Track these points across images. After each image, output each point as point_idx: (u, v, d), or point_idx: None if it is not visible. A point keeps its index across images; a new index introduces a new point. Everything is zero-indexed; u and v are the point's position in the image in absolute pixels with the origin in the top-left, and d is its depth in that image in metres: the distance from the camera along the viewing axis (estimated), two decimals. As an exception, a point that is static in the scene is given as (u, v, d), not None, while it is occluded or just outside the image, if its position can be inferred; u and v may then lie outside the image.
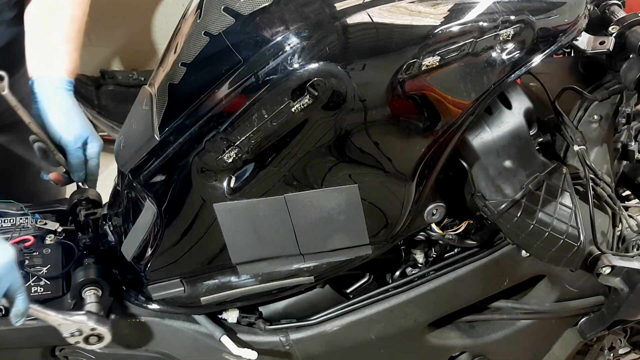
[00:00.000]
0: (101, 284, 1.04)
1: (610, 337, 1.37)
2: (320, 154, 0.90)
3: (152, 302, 1.08)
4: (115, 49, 2.86)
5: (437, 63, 0.84)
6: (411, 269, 1.14)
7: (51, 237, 1.13)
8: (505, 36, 0.86)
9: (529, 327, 1.23)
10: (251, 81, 0.83)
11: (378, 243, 1.02)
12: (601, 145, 1.11)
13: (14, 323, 0.90)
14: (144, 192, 0.97)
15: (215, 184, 0.92)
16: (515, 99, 0.97)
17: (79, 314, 0.98)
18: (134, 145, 0.97)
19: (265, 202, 0.93)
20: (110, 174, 1.20)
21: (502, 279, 1.15)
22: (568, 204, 0.99)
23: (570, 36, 0.92)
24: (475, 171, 0.98)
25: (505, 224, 0.99)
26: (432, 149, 0.92)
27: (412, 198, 0.97)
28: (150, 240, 1.01)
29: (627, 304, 1.12)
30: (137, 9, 2.75)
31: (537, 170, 0.98)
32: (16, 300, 0.87)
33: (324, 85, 0.82)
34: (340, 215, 0.96)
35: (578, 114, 1.09)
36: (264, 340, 1.11)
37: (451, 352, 1.24)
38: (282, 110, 0.84)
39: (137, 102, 1.03)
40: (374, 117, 0.87)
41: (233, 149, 0.87)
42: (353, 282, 1.14)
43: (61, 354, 1.15)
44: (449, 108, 0.89)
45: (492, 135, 0.96)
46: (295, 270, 1.03)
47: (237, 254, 1.00)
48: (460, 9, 0.85)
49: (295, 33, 0.83)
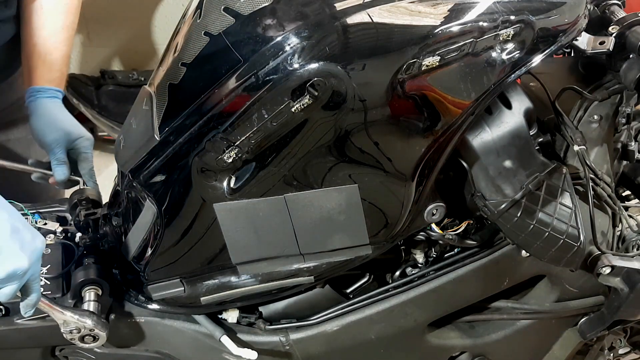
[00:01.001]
0: (101, 284, 1.04)
1: (610, 337, 1.37)
2: (320, 154, 0.90)
3: (152, 302, 1.08)
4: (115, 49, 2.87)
5: (437, 63, 0.84)
6: (411, 269, 1.14)
7: (51, 237, 1.13)
8: (505, 36, 0.86)
9: (529, 327, 1.23)
10: (251, 81, 0.83)
11: (378, 243, 1.02)
12: (601, 145, 1.11)
13: (24, 314, 0.90)
14: (144, 192, 0.97)
15: (215, 184, 0.92)
16: (515, 99, 0.97)
17: (83, 313, 0.99)
18: (134, 145, 0.97)
19: (265, 202, 0.93)
20: (110, 174, 1.21)
21: (502, 279, 1.15)
22: (568, 204, 0.99)
23: (570, 36, 0.92)
24: (475, 171, 0.99)
25: (505, 224, 0.99)
26: (432, 149, 0.92)
27: (412, 198, 0.97)
28: (150, 240, 1.01)
29: (627, 304, 1.12)
30: (137, 9, 2.75)
31: (537, 170, 0.98)
32: (32, 290, 0.87)
33: (324, 85, 0.82)
34: (340, 215, 0.96)
35: (578, 114, 1.09)
36: (264, 340, 1.11)
37: (451, 352, 1.24)
38: (282, 110, 0.84)
39: (137, 102, 1.03)
40: (374, 117, 0.87)
41: (233, 149, 0.87)
42: (353, 282, 1.14)
43: (61, 354, 1.15)
44: (449, 108, 0.89)
45: (492, 135, 0.96)
46: (295, 270, 1.03)
47: (237, 254, 1.00)
48: (460, 9, 0.85)
49: (295, 33, 0.83)
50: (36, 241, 0.84)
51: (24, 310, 0.90)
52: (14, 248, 0.80)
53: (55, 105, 1.29)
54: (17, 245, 0.80)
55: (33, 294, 0.87)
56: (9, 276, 0.80)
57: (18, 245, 0.80)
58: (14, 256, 0.79)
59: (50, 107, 1.28)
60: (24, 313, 0.90)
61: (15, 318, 1.04)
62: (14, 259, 0.80)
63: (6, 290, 0.81)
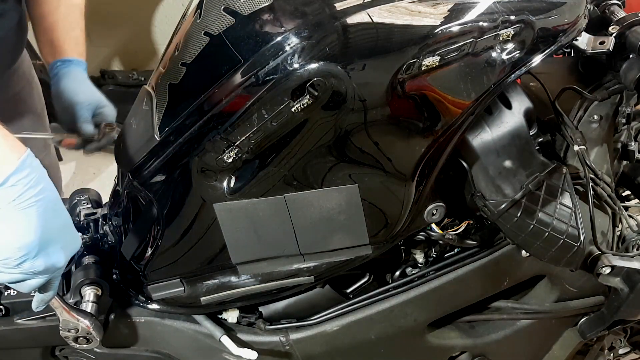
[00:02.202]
0: (101, 284, 1.04)
1: (610, 337, 1.37)
2: (320, 154, 0.90)
3: (152, 302, 1.08)
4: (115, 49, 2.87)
5: (437, 63, 0.84)
6: (411, 269, 1.14)
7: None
8: (505, 36, 0.86)
9: (529, 327, 1.23)
10: (251, 81, 0.83)
11: (378, 243, 1.02)
12: (601, 145, 1.11)
13: (35, 308, 0.91)
14: (144, 192, 0.97)
15: (215, 184, 0.92)
16: (515, 99, 0.97)
17: (85, 313, 0.99)
18: (134, 145, 0.97)
19: (265, 202, 0.93)
20: (110, 174, 1.21)
21: (502, 279, 1.15)
22: (568, 204, 0.99)
23: (570, 36, 0.92)
24: (475, 171, 0.99)
25: (505, 224, 0.99)
26: (432, 149, 0.92)
27: (412, 198, 0.97)
28: (150, 240, 1.01)
29: (627, 304, 1.12)
30: (137, 9, 2.75)
31: (537, 170, 0.98)
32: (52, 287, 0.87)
33: (324, 85, 0.82)
34: (340, 215, 0.96)
35: (578, 114, 1.09)
36: (264, 340, 1.11)
37: (451, 352, 1.24)
38: (282, 110, 0.84)
39: (137, 102, 1.03)
40: (374, 117, 0.87)
41: (233, 149, 0.87)
42: (353, 282, 1.14)
43: (61, 354, 1.15)
44: (449, 108, 0.89)
45: (492, 135, 0.96)
46: (295, 270, 1.03)
47: (237, 254, 1.00)
48: (460, 9, 0.85)
49: (295, 33, 0.82)
50: (76, 242, 0.86)
51: (36, 305, 0.90)
52: (58, 245, 0.81)
53: (85, 75, 1.38)
54: (61, 242, 0.81)
55: (52, 291, 0.88)
56: (45, 270, 0.80)
57: (62, 242, 0.81)
58: (56, 252, 0.80)
59: (82, 74, 1.37)
60: (35, 307, 0.91)
61: (16, 318, 1.04)
62: (55, 255, 0.80)
63: (32, 282, 0.82)
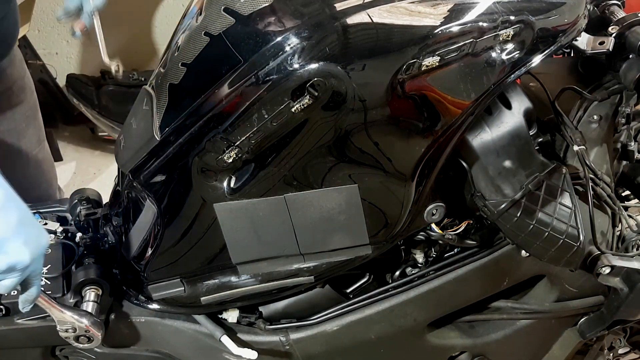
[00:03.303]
0: (101, 284, 1.04)
1: (610, 337, 1.37)
2: (320, 154, 0.90)
3: (152, 302, 1.08)
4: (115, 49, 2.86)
5: (437, 63, 0.84)
6: (411, 269, 1.14)
7: (52, 237, 1.13)
8: (505, 36, 0.86)
9: (528, 327, 1.23)
10: (251, 81, 0.83)
11: (378, 243, 1.02)
12: (601, 145, 1.11)
13: (22, 308, 0.91)
14: (144, 192, 0.97)
15: (215, 184, 0.92)
16: (515, 99, 0.97)
17: (81, 312, 0.99)
18: (134, 145, 0.97)
19: (265, 202, 0.94)
20: (110, 174, 1.21)
21: (502, 279, 1.15)
22: (568, 204, 0.99)
23: (570, 36, 0.92)
24: (475, 171, 0.99)
25: (505, 224, 0.99)
26: (432, 149, 0.92)
27: (412, 198, 0.97)
28: (150, 240, 1.01)
29: (626, 304, 1.12)
30: (137, 9, 2.75)
31: (537, 170, 0.98)
32: (31, 285, 0.87)
33: (324, 86, 0.82)
34: (340, 215, 0.96)
35: (578, 114, 1.09)
36: (264, 340, 1.11)
37: (451, 352, 1.24)
38: (282, 110, 0.84)
39: (137, 102, 1.03)
40: (374, 117, 0.87)
41: (233, 149, 0.87)
42: (353, 282, 1.14)
43: (61, 354, 1.15)
44: (448, 108, 0.89)
45: (492, 135, 0.96)
46: (295, 270, 1.03)
47: (237, 254, 1.00)
48: (460, 9, 0.85)
49: (295, 33, 0.83)
50: (41, 238, 0.85)
51: (22, 305, 0.90)
52: (18, 241, 0.80)
53: None
54: (21, 239, 0.81)
55: (33, 289, 0.88)
56: (9, 269, 0.80)
57: (22, 239, 0.81)
58: (16, 250, 0.80)
59: None
60: (21, 308, 0.91)
61: (16, 318, 1.04)
62: (16, 253, 0.80)
63: (6, 283, 0.82)
